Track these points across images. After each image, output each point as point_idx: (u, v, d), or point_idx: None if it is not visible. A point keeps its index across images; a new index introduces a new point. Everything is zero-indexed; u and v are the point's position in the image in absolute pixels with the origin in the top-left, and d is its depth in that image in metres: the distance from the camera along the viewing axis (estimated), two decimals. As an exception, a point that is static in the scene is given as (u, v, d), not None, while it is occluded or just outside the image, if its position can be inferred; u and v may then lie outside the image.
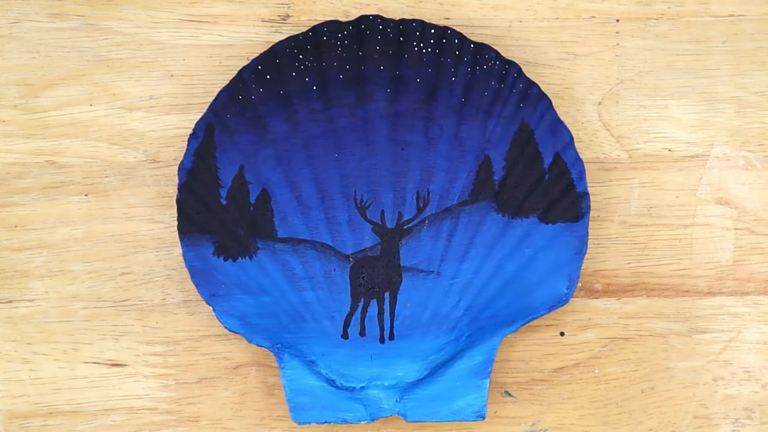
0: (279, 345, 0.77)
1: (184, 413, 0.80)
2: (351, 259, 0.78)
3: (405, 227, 0.78)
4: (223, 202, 0.77)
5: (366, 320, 0.78)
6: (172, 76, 0.80)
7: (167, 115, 0.80)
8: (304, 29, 0.79)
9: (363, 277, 0.78)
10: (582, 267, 0.79)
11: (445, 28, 0.77)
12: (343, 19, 0.80)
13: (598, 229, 0.80)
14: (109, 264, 0.80)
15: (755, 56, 0.80)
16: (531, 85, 0.77)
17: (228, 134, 0.77)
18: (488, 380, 0.77)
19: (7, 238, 0.80)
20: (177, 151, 0.80)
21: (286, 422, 0.80)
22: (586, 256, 0.79)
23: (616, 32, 0.80)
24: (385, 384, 0.77)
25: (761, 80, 0.80)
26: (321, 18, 0.80)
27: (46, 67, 0.80)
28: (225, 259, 0.77)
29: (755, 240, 0.80)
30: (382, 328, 0.78)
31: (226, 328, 0.77)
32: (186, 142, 0.79)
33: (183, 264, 0.79)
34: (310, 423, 0.77)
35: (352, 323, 0.78)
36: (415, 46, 0.77)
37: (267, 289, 0.78)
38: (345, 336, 0.78)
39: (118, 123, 0.80)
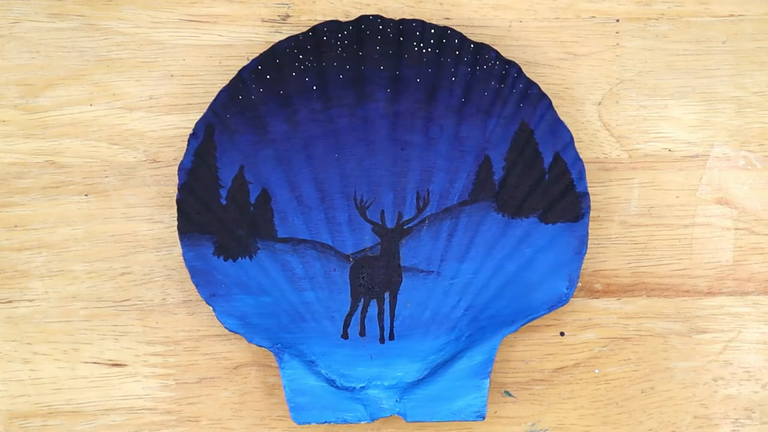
0: (279, 345, 0.77)
1: (184, 413, 0.80)
2: (351, 259, 0.78)
3: (405, 227, 0.78)
4: (223, 202, 0.77)
5: (366, 320, 0.78)
6: (172, 76, 0.80)
7: (167, 115, 0.80)
8: (304, 29, 0.79)
9: (363, 277, 0.78)
10: (582, 267, 0.79)
11: (445, 28, 0.77)
12: (343, 19, 0.80)
13: (598, 229, 0.80)
14: (109, 264, 0.80)
15: (755, 56, 0.80)
16: (531, 85, 0.77)
17: (228, 134, 0.77)
18: (488, 380, 0.77)
19: (7, 238, 0.80)
20: (177, 151, 0.80)
21: (286, 422, 0.80)
22: (586, 256, 0.79)
23: (616, 32, 0.80)
24: (385, 384, 0.77)
25: (761, 80, 0.80)
26: (321, 18, 0.80)
27: (46, 67, 0.80)
28: (225, 259, 0.77)
29: (755, 240, 0.80)
30: (382, 328, 0.78)
31: (226, 328, 0.77)
32: (186, 142, 0.79)
33: (183, 264, 0.79)
34: (310, 423, 0.77)
35: (352, 323, 0.78)
36: (415, 46, 0.77)
37: (267, 289, 0.78)
38: (345, 336, 0.78)
39: (118, 123, 0.80)
